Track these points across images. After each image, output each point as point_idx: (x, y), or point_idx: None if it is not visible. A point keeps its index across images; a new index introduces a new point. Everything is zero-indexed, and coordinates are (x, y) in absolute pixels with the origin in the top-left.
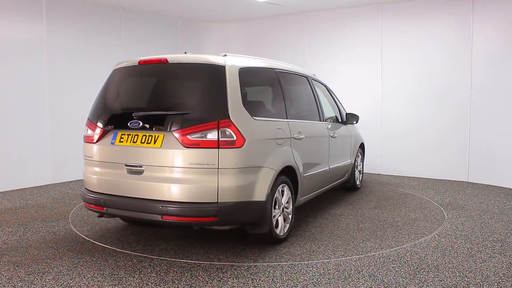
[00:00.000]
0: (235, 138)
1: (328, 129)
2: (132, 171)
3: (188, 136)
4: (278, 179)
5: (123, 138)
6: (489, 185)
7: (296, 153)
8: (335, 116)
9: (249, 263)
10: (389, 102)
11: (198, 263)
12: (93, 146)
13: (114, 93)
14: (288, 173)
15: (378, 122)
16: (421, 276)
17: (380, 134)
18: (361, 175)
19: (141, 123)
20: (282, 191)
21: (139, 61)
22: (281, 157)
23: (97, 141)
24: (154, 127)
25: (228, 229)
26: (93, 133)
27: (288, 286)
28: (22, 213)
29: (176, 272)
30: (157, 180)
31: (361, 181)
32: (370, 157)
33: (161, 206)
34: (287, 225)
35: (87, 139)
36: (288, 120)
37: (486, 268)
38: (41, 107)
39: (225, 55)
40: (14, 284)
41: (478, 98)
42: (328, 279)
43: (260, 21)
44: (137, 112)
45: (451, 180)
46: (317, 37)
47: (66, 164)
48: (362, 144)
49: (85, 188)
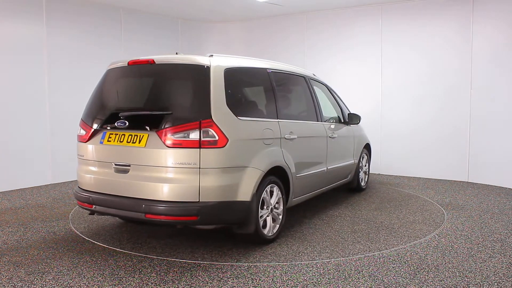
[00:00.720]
0: (217, 138)
1: (326, 130)
2: (119, 170)
3: (171, 136)
4: (266, 180)
5: (111, 138)
6: (489, 185)
7: (287, 153)
8: (338, 117)
9: (231, 263)
10: (389, 102)
11: (198, 263)
12: (84, 145)
13: (105, 93)
14: (278, 173)
15: (378, 122)
16: (421, 276)
17: (380, 134)
18: (366, 176)
19: (127, 123)
20: (271, 192)
21: (128, 62)
22: (269, 157)
23: (88, 140)
24: (139, 127)
25: (213, 229)
26: (85, 132)
27: (288, 286)
28: (22, 213)
29: (176, 272)
30: (141, 179)
31: (366, 182)
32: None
33: (145, 204)
34: (277, 226)
35: (80, 139)
36: (278, 120)
37: (486, 268)
38: (41, 107)
39: (211, 55)
40: (14, 284)
41: (478, 98)
42: (328, 279)
43: (260, 21)
44: (124, 112)
45: (451, 180)
46: (317, 37)
47: (66, 164)
48: (367, 144)
49: (78, 186)
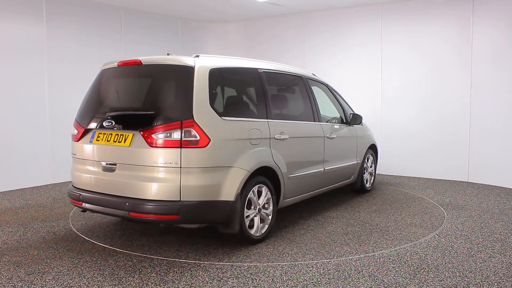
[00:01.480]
0: (199, 138)
1: (324, 130)
2: (106, 168)
3: (153, 135)
4: (253, 180)
5: (99, 137)
6: (489, 185)
7: (277, 154)
8: (340, 117)
9: (213, 262)
10: (389, 102)
11: (198, 263)
12: (76, 144)
13: (96, 93)
14: (267, 173)
15: (378, 122)
16: (421, 276)
17: (380, 134)
18: (372, 177)
19: (114, 123)
20: (259, 192)
21: (118, 63)
22: (256, 157)
23: (79, 139)
24: (125, 126)
25: (197, 228)
26: (77, 132)
27: (288, 286)
28: (22, 213)
29: (176, 272)
30: (126, 178)
31: (372, 184)
32: None
33: (128, 203)
34: (266, 226)
35: (73, 138)
36: (268, 120)
37: (486, 268)
38: (41, 107)
39: (197, 56)
40: (14, 284)
41: (478, 98)
42: (328, 279)
43: (260, 21)
44: (111, 112)
45: (451, 180)
46: (316, 37)
47: (66, 164)
48: (373, 145)
49: (71, 184)
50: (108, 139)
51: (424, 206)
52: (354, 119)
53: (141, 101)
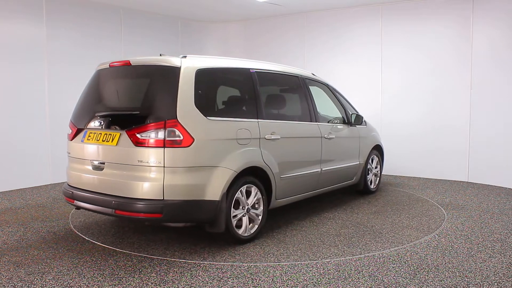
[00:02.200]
0: (182, 137)
1: (321, 130)
2: (96, 167)
3: (138, 135)
4: (240, 180)
5: (90, 137)
6: (489, 185)
7: (267, 154)
8: (342, 117)
9: (196, 261)
10: (389, 102)
11: (198, 263)
12: (70, 144)
13: (90, 94)
14: (257, 174)
15: (378, 122)
16: (421, 276)
17: (380, 134)
18: (377, 178)
19: (103, 123)
20: (248, 192)
21: (109, 64)
22: (244, 157)
23: (73, 138)
24: (113, 126)
25: (182, 227)
26: (71, 131)
27: (288, 286)
28: (22, 213)
29: (176, 272)
30: (113, 176)
31: (377, 185)
32: None
33: (114, 201)
34: (255, 226)
35: (68, 137)
36: (258, 120)
37: (486, 268)
38: (41, 108)
39: (185, 56)
40: (14, 284)
41: (478, 98)
42: (328, 279)
43: (260, 21)
44: (101, 112)
45: (451, 180)
46: (316, 37)
47: (66, 164)
48: (378, 146)
49: (66, 182)
50: (98, 139)
51: (425, 208)
52: (355, 120)
53: (129, 101)
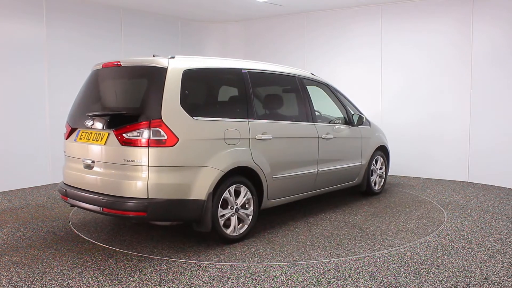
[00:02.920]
0: (166, 137)
1: (319, 130)
2: (86, 165)
3: (124, 134)
4: (228, 179)
5: (82, 136)
6: (489, 185)
7: (259, 154)
8: (343, 117)
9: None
10: (389, 102)
11: (199, 263)
12: (65, 142)
13: (84, 94)
14: (247, 173)
15: (378, 121)
16: (421, 276)
17: None
18: (382, 179)
19: (93, 122)
20: (237, 192)
21: (102, 65)
22: (231, 157)
23: (67, 138)
24: (102, 126)
25: (169, 225)
26: (66, 130)
27: (288, 286)
28: (22, 213)
29: (176, 272)
30: (101, 175)
31: (382, 186)
32: None
33: (102, 199)
34: (245, 226)
35: (64, 137)
36: (249, 120)
37: (486, 268)
38: (41, 107)
39: (173, 57)
40: (14, 284)
41: (478, 98)
42: (328, 279)
43: (260, 21)
44: (91, 112)
45: (451, 180)
46: (317, 37)
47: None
48: (382, 147)
49: (62, 180)
50: (89, 138)
51: (427, 210)
52: (356, 120)
53: (118, 101)
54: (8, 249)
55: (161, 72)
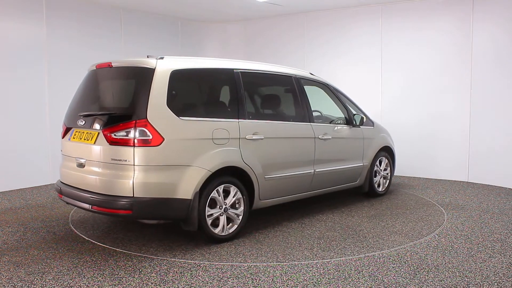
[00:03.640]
0: (151, 137)
1: (315, 131)
2: (79, 164)
3: (112, 134)
4: (216, 179)
5: (75, 135)
6: (489, 185)
7: (249, 154)
8: (345, 118)
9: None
10: (389, 102)
11: (198, 263)
12: (62, 142)
13: (79, 94)
14: (238, 174)
15: (378, 121)
16: (421, 276)
17: None
18: (387, 181)
19: (85, 122)
20: (227, 191)
21: (96, 66)
22: (219, 157)
23: (63, 137)
24: (93, 125)
25: (156, 224)
26: (62, 130)
27: (288, 286)
28: (22, 213)
29: (176, 272)
30: (91, 174)
31: (387, 187)
32: None
33: (91, 197)
34: (234, 226)
35: (61, 136)
36: (239, 120)
37: (486, 268)
38: (41, 107)
39: (162, 57)
40: (14, 284)
41: (478, 98)
42: (328, 279)
43: (260, 21)
44: (83, 112)
45: (451, 180)
46: (317, 37)
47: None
48: (386, 147)
49: (58, 178)
50: (81, 137)
51: (427, 212)
52: (358, 120)
53: (109, 101)
54: (8, 249)
55: (149, 73)
